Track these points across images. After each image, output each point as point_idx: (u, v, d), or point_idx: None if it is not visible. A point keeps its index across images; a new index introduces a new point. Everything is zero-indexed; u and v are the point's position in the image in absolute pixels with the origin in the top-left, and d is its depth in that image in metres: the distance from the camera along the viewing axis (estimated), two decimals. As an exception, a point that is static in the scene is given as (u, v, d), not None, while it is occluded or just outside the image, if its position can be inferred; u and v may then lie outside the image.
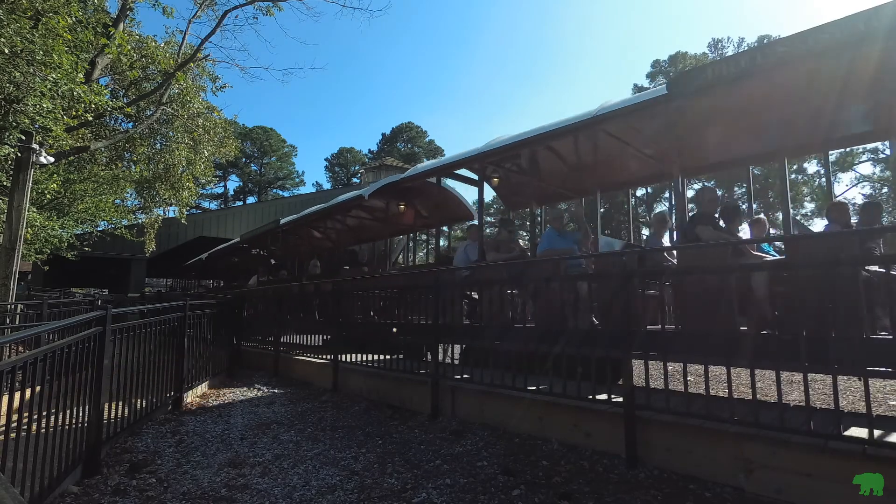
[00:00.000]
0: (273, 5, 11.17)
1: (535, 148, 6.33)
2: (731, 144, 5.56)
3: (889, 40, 3.27)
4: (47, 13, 7.59)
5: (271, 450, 4.15)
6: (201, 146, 13.25)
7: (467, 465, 3.58)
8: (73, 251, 14.56)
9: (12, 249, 8.50)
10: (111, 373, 3.97)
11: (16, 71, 6.97)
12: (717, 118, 5.06)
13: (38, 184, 11.09)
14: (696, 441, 3.23)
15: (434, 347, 5.12)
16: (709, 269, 3.74)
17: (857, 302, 2.90)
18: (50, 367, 3.09)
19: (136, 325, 4.66)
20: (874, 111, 4.59)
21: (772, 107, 4.71)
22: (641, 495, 2.97)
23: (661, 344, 3.62)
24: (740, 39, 38.37)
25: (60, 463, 3.21)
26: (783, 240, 4.86)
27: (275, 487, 3.34)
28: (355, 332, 6.69)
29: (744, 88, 4.29)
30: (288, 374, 7.61)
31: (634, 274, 3.82)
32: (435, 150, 58.53)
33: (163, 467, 3.79)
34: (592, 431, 3.77)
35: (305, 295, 9.07)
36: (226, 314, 8.43)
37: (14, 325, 7.19)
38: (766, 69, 3.83)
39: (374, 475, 3.49)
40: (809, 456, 2.76)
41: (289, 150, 62.83)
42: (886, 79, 3.93)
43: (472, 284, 5.97)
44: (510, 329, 4.74)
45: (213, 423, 5.04)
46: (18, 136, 7.90)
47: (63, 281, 25.11)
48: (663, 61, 40.95)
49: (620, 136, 5.54)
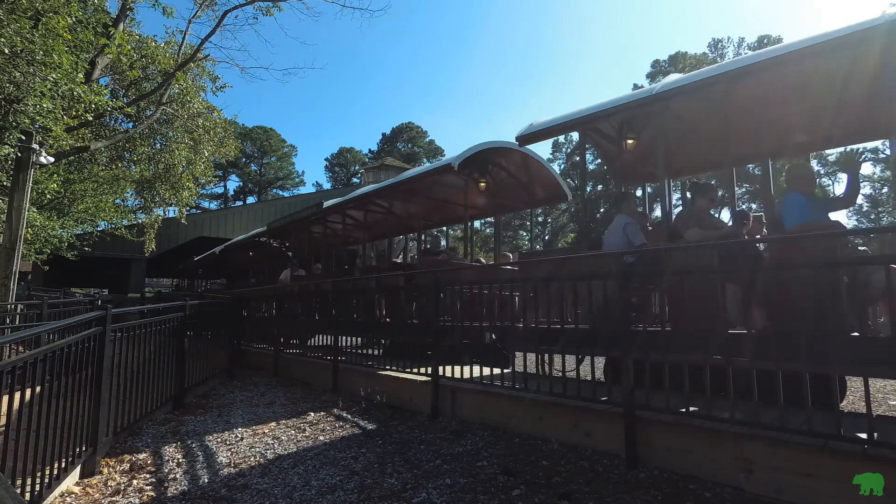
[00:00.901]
0: (273, 5, 11.20)
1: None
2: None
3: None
4: (47, 13, 7.60)
5: (271, 450, 4.15)
6: (201, 146, 13.27)
7: (467, 465, 3.58)
8: (73, 251, 14.57)
9: (12, 249, 8.51)
10: (111, 373, 3.97)
11: (16, 71, 6.98)
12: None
13: (38, 184, 11.09)
14: (696, 441, 3.23)
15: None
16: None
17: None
18: (50, 367, 3.09)
19: (136, 325, 4.67)
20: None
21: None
22: (641, 495, 2.97)
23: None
24: (740, 39, 38.45)
25: (60, 463, 3.21)
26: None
27: (275, 487, 3.34)
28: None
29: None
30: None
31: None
32: (435, 150, 58.57)
33: (163, 467, 3.79)
34: (592, 431, 3.77)
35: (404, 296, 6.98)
36: (226, 314, 8.44)
37: (14, 325, 7.19)
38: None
39: (374, 475, 3.49)
40: (809, 456, 2.76)
41: (289, 150, 62.89)
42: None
43: (651, 274, 4.44)
44: (720, 335, 3.36)
45: (213, 423, 5.04)
46: (18, 136, 7.91)
47: (63, 281, 25.13)
48: (663, 61, 40.98)
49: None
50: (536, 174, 7.77)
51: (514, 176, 7.92)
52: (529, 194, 8.26)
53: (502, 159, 7.60)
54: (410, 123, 60.13)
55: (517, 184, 8.03)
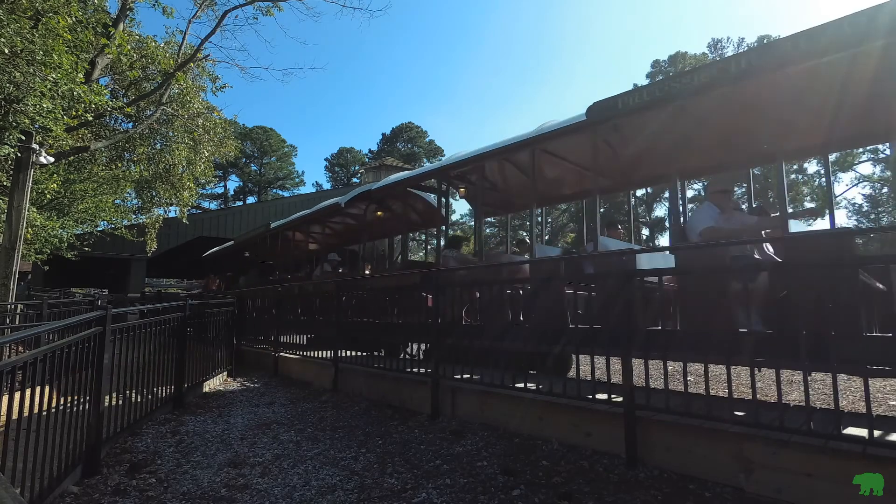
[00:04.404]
0: (273, 5, 11.19)
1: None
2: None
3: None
4: (47, 13, 7.59)
5: (271, 450, 4.15)
6: (201, 146, 13.25)
7: (467, 465, 3.58)
8: (73, 251, 14.57)
9: (12, 249, 8.50)
10: (111, 373, 3.97)
11: (16, 71, 6.97)
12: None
13: (38, 184, 11.09)
14: (696, 441, 3.23)
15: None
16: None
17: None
18: (50, 367, 3.08)
19: (136, 325, 4.67)
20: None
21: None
22: (641, 495, 2.97)
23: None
24: (740, 39, 38.40)
25: (60, 463, 3.21)
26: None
27: (275, 487, 3.34)
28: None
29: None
30: (287, 374, 7.60)
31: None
32: (435, 150, 58.54)
33: (163, 467, 3.79)
34: (592, 431, 3.77)
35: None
36: (225, 314, 8.43)
37: (14, 325, 7.19)
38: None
39: (374, 475, 3.49)
40: (809, 456, 2.76)
41: (289, 150, 62.85)
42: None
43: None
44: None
45: (213, 423, 5.04)
46: (18, 136, 7.90)
47: (63, 281, 25.10)
48: (663, 61, 40.96)
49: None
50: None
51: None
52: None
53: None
54: (410, 123, 60.11)
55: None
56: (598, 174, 5.18)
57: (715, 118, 4.76)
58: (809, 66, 3.59)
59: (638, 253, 5.05)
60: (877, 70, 3.67)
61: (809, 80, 3.95)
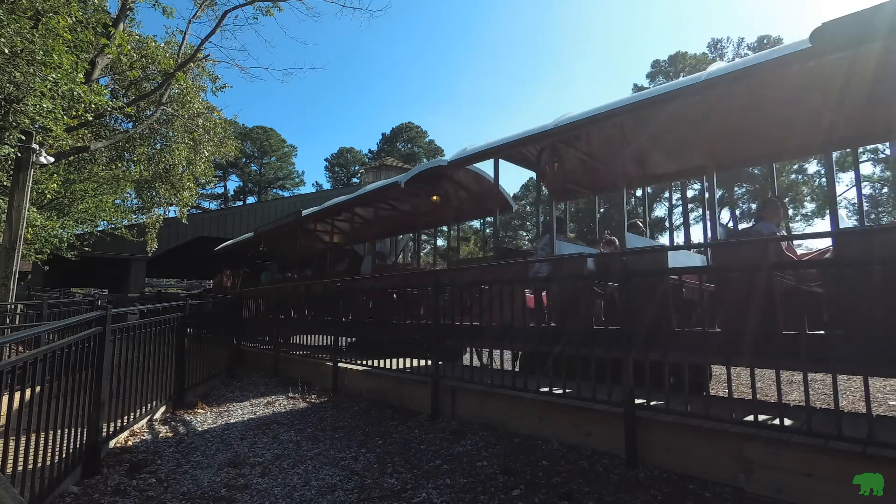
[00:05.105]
0: (273, 5, 11.19)
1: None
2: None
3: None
4: (47, 13, 7.59)
5: (271, 450, 4.15)
6: (201, 146, 13.25)
7: (467, 465, 3.58)
8: (73, 251, 14.56)
9: (12, 249, 8.50)
10: (111, 373, 3.97)
11: (16, 71, 6.97)
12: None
13: (38, 184, 11.08)
14: (695, 441, 3.23)
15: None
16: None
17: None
18: (50, 367, 3.09)
19: (136, 325, 4.67)
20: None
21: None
22: (641, 495, 2.97)
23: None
24: (740, 39, 38.35)
25: (60, 463, 3.21)
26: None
27: (275, 487, 3.34)
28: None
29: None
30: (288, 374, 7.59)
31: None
32: (435, 150, 58.52)
33: (163, 467, 3.79)
34: (592, 431, 3.77)
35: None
36: (226, 314, 8.44)
37: (14, 325, 7.18)
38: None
39: (374, 475, 3.49)
40: (809, 456, 2.76)
41: (289, 150, 62.84)
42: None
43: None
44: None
45: (212, 423, 5.04)
46: (18, 136, 7.90)
47: (63, 281, 25.11)
48: (663, 61, 40.93)
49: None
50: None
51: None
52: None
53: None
54: (410, 123, 60.09)
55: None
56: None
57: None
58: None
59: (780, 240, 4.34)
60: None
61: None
